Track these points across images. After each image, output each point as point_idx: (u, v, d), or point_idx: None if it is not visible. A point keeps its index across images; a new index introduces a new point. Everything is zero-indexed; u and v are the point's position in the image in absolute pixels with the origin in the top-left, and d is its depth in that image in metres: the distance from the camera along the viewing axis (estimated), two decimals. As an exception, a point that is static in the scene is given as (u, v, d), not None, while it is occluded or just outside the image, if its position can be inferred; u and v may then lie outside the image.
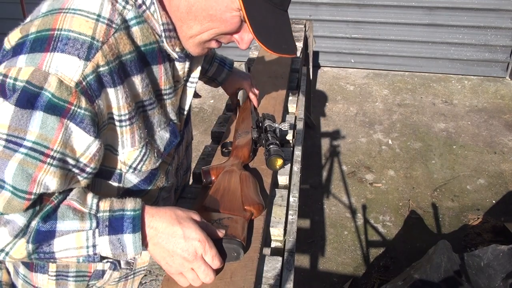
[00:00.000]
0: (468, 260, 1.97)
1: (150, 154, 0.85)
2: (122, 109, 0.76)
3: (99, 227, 0.73)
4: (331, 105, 4.12)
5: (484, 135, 3.63)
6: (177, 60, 0.86)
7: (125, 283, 1.01)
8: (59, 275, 0.95)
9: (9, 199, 0.69)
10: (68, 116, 0.70)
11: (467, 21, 4.38)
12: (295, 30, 2.91)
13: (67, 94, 0.69)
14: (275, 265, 0.88)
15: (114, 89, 0.74)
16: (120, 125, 0.78)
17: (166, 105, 0.88)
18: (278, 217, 1.01)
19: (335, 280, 2.34)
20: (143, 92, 0.80)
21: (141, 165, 0.85)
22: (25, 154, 0.68)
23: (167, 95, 0.87)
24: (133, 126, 0.80)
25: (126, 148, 0.81)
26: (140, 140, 0.82)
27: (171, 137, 0.90)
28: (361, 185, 3.07)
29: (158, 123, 0.86)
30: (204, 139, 3.59)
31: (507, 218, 2.72)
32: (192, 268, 0.77)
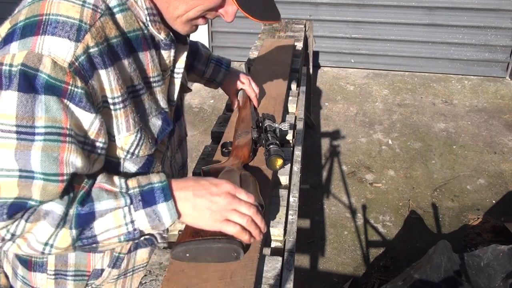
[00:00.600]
0: (468, 260, 1.97)
1: (145, 139, 0.86)
2: (115, 91, 0.77)
3: (133, 203, 0.75)
4: (331, 105, 4.12)
5: (484, 135, 3.63)
6: (163, 48, 0.87)
7: (124, 280, 1.01)
8: (58, 274, 0.95)
9: (44, 186, 0.71)
10: (67, 96, 0.71)
11: (467, 21, 4.38)
12: (295, 30, 2.91)
13: (62, 74, 0.70)
14: (275, 265, 0.87)
15: (105, 71, 0.75)
16: (114, 108, 0.79)
17: (156, 93, 0.89)
18: (278, 217, 1.01)
19: (335, 280, 2.34)
20: (132, 76, 0.81)
21: (138, 150, 0.86)
22: (44, 140, 0.70)
23: (156, 82, 0.88)
24: (127, 110, 0.81)
25: (122, 133, 0.82)
26: (135, 125, 0.83)
27: (163, 125, 0.91)
28: (361, 185, 3.07)
29: (149, 110, 0.87)
30: (204, 139, 3.59)
31: (507, 218, 2.72)
32: (234, 208, 0.80)
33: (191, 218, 0.80)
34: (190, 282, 0.80)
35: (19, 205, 0.71)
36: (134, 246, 0.98)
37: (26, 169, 0.70)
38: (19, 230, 0.72)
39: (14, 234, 0.72)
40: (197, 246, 0.82)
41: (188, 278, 0.81)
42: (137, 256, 1.00)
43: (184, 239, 0.84)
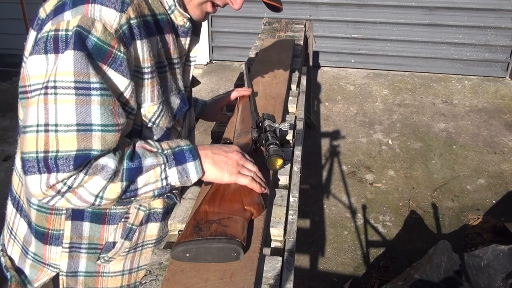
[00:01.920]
0: (468, 260, 1.97)
1: (166, 112, 0.94)
2: (146, 62, 0.86)
3: (168, 161, 0.87)
4: (331, 105, 4.12)
5: (484, 135, 3.63)
6: (180, 35, 0.97)
7: (133, 255, 1.04)
8: (72, 247, 0.98)
9: (103, 136, 0.79)
10: (110, 59, 0.80)
11: (467, 21, 4.38)
12: (295, 30, 2.91)
13: (110, 38, 0.79)
14: (275, 265, 0.87)
15: (141, 42, 0.84)
16: (143, 77, 0.87)
17: (176, 73, 0.98)
18: (278, 217, 1.01)
19: (335, 280, 2.34)
20: (159, 53, 0.90)
21: (159, 120, 0.94)
22: (100, 95, 0.78)
23: (176, 64, 0.97)
24: (153, 81, 0.89)
25: (147, 102, 0.90)
26: (159, 96, 0.91)
27: (181, 104, 1.00)
28: (361, 185, 3.07)
29: (171, 87, 0.96)
30: (204, 139, 3.59)
31: (507, 218, 2.72)
32: (243, 164, 0.97)
33: (212, 172, 0.93)
34: (190, 282, 0.80)
35: (83, 157, 0.78)
36: (146, 219, 1.02)
37: (84, 123, 0.78)
38: (76, 183, 0.79)
39: (70, 186, 0.79)
40: (197, 246, 0.82)
41: (188, 278, 0.81)
42: (148, 230, 1.03)
43: (184, 239, 0.84)
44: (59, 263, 1.00)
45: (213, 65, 4.98)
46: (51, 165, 0.76)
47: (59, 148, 0.77)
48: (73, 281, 1.02)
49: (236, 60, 4.98)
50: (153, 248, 1.06)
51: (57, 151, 0.77)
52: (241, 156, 0.97)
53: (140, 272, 1.07)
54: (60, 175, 0.77)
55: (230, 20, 4.85)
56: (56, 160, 0.76)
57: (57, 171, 0.76)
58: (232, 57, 5.00)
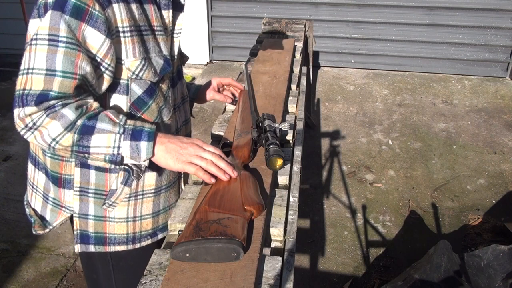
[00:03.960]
0: (468, 260, 1.97)
1: (149, 67, 1.06)
2: (124, 22, 1.00)
3: (125, 133, 0.96)
4: (331, 105, 4.12)
5: (484, 135, 3.63)
6: (162, 7, 1.10)
7: (135, 202, 1.17)
8: (82, 190, 1.13)
9: (61, 81, 0.94)
10: (87, 17, 0.94)
11: (467, 21, 4.38)
12: (295, 30, 2.91)
13: None
14: (275, 265, 0.87)
15: (118, 5, 0.98)
16: (123, 35, 1.01)
17: (158, 39, 1.10)
18: (278, 217, 1.01)
19: (335, 280, 2.34)
20: (138, 17, 1.04)
21: (142, 73, 1.06)
22: (65, 47, 0.93)
23: (158, 31, 1.10)
24: (133, 39, 1.03)
25: (130, 57, 1.03)
26: (140, 53, 1.04)
27: (165, 64, 1.11)
28: (361, 185, 3.07)
29: (153, 49, 1.08)
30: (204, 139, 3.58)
31: (507, 218, 2.72)
32: (198, 154, 1.01)
33: (160, 157, 1.00)
34: (190, 282, 0.80)
35: (43, 95, 0.93)
36: None
37: (51, 68, 0.93)
38: (39, 122, 0.94)
39: (35, 123, 0.94)
40: (197, 246, 0.82)
41: (188, 278, 0.81)
42: (145, 179, 1.16)
43: (184, 239, 0.84)
44: (72, 206, 1.15)
45: (213, 65, 4.98)
46: (23, 100, 0.93)
47: (32, 87, 0.93)
48: (85, 223, 1.16)
49: (236, 60, 4.98)
50: (153, 198, 1.19)
51: (30, 89, 0.94)
52: (197, 147, 1.02)
53: (144, 221, 1.20)
54: (27, 109, 0.93)
55: (230, 20, 4.85)
56: (27, 96, 0.93)
57: (25, 105, 0.93)
58: (232, 57, 5.00)
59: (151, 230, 1.22)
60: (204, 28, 4.87)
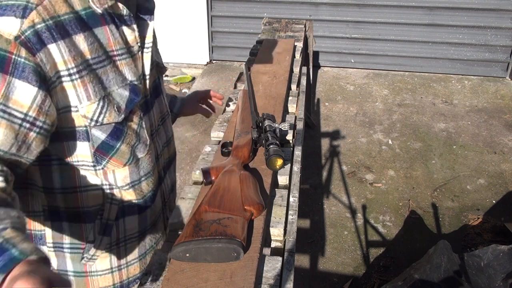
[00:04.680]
0: (468, 260, 1.97)
1: (110, 108, 0.90)
2: (69, 63, 0.83)
3: None
4: (331, 105, 4.12)
5: (484, 135, 3.63)
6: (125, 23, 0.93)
7: (117, 250, 1.04)
8: (56, 246, 1.00)
9: None
10: (10, 68, 0.77)
11: (467, 21, 4.38)
12: (295, 30, 2.91)
13: (6, 44, 0.77)
14: (275, 265, 0.87)
15: (56, 44, 0.81)
16: (71, 79, 0.84)
17: (120, 65, 0.93)
18: (278, 217, 1.01)
19: (335, 280, 2.34)
20: (89, 49, 0.87)
21: (102, 117, 0.90)
22: None
23: (120, 55, 0.93)
24: (84, 80, 0.86)
25: (84, 102, 0.87)
26: (95, 94, 0.88)
27: (131, 95, 0.94)
28: (361, 185, 3.07)
29: (113, 81, 0.91)
30: (204, 139, 3.59)
31: (507, 218, 2.72)
32: None
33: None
34: (190, 282, 0.80)
35: None
36: (121, 213, 1.01)
37: None
38: None
39: None
40: (197, 246, 0.82)
41: (188, 278, 0.81)
42: (126, 224, 1.03)
43: (184, 239, 0.84)
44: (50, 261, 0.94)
45: (213, 65, 4.98)
46: None
47: None
48: None
49: (236, 60, 4.98)
50: (138, 241, 1.06)
51: None
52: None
53: (130, 267, 1.07)
54: None
55: (230, 20, 4.85)
56: None
57: None
58: (232, 57, 5.00)
59: (139, 273, 1.11)
60: (204, 28, 4.88)
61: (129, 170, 0.99)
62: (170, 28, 4.75)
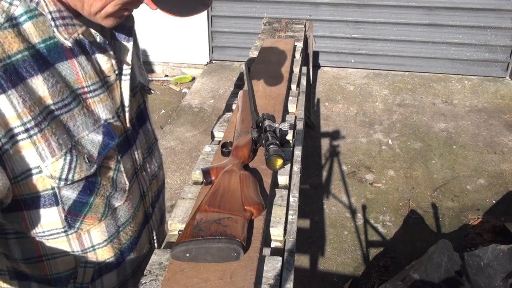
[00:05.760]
0: (468, 260, 1.97)
1: (79, 161, 0.76)
2: (24, 116, 0.67)
3: None
4: (331, 105, 4.12)
5: (484, 135, 3.63)
6: (98, 51, 0.78)
7: None
8: None
9: None
10: None
11: (467, 21, 4.38)
12: (295, 30, 2.91)
13: None
14: (275, 265, 0.87)
15: (5, 95, 0.65)
16: (28, 135, 0.68)
17: (92, 104, 0.79)
18: (278, 217, 1.01)
19: (335, 280, 2.34)
20: (51, 93, 0.71)
21: (72, 174, 0.75)
22: None
23: (92, 92, 0.78)
24: (45, 133, 0.70)
25: (47, 160, 0.72)
26: (60, 147, 0.73)
27: (106, 139, 0.80)
28: (361, 185, 3.07)
29: (83, 126, 0.77)
30: (204, 139, 3.59)
31: (507, 218, 2.72)
32: None
33: None
34: (190, 282, 0.80)
35: None
36: (97, 275, 0.92)
37: None
38: None
39: None
40: (197, 246, 0.82)
41: (188, 278, 0.81)
42: (104, 282, 0.94)
43: (184, 239, 0.84)
44: None
45: (213, 65, 4.98)
46: None
47: None
48: None
49: (236, 60, 4.98)
50: None
51: None
52: None
53: None
54: None
55: (230, 20, 4.85)
56: None
57: None
58: (232, 57, 5.00)
59: None
60: (204, 28, 4.88)
61: (105, 224, 0.87)
62: (170, 28, 4.76)
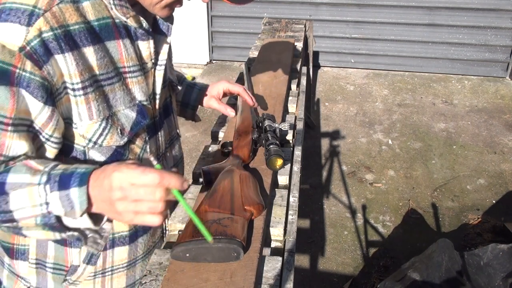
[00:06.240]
0: (468, 259, 1.97)
1: (112, 130, 0.83)
2: (74, 77, 0.76)
3: (50, 182, 0.70)
4: (331, 105, 4.12)
5: (484, 135, 3.63)
6: (140, 38, 0.86)
7: (102, 279, 0.98)
8: (38, 263, 0.95)
9: None
10: (15, 80, 0.71)
11: (467, 21, 4.39)
12: (295, 30, 2.91)
13: (10, 57, 0.70)
14: (275, 265, 0.88)
15: (62, 56, 0.74)
16: (74, 94, 0.78)
17: (130, 83, 0.86)
18: (278, 217, 1.01)
19: (335, 280, 2.35)
20: (98, 64, 0.80)
21: (102, 140, 0.83)
22: None
23: (131, 73, 0.86)
24: (88, 97, 0.79)
25: (84, 120, 0.80)
26: (99, 114, 0.81)
27: (139, 117, 0.87)
28: (361, 185, 3.07)
29: (121, 101, 0.84)
30: (204, 139, 3.59)
31: (507, 218, 2.72)
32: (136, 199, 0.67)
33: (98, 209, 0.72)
34: (190, 282, 0.80)
35: None
36: (110, 244, 0.95)
37: None
38: None
39: None
40: (197, 246, 0.82)
41: (188, 278, 0.81)
42: (115, 255, 0.96)
43: (184, 239, 0.84)
44: (28, 278, 0.96)
45: (213, 65, 4.98)
46: None
47: None
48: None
49: (236, 60, 4.98)
50: (126, 271, 1.00)
51: None
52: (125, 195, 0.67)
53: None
54: None
55: (230, 20, 4.85)
56: None
57: None
58: (232, 57, 5.00)
59: None
60: (204, 28, 4.88)
61: None
62: (170, 28, 4.75)
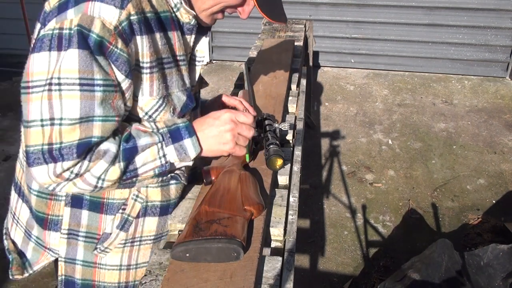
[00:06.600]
0: (468, 259, 1.97)
1: (166, 108, 0.95)
2: (145, 57, 0.88)
3: (164, 139, 0.90)
4: (331, 105, 4.12)
5: (484, 135, 3.63)
6: (186, 32, 0.98)
7: (131, 249, 1.03)
8: (70, 233, 1.00)
9: (103, 125, 0.84)
10: (107, 53, 0.83)
11: (467, 21, 4.38)
12: (295, 30, 2.91)
13: (108, 35, 0.81)
14: (275, 265, 0.87)
15: (141, 37, 0.86)
16: (142, 71, 0.90)
17: (182, 70, 0.99)
18: (278, 217, 1.01)
19: (335, 280, 2.34)
20: (162, 49, 0.92)
21: (156, 115, 0.95)
22: (103, 91, 0.83)
23: (182, 61, 0.98)
24: (153, 76, 0.91)
25: (145, 96, 0.92)
26: (158, 92, 0.93)
27: (188, 100, 1.00)
28: (361, 185, 3.07)
29: (176, 84, 0.97)
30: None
31: (507, 218, 2.72)
32: (239, 132, 0.99)
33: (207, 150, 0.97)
34: (190, 282, 0.80)
35: (84, 144, 0.82)
36: (143, 212, 1.01)
37: (87, 116, 0.82)
38: (82, 170, 0.83)
39: (77, 174, 0.84)
40: (197, 246, 0.82)
41: (188, 278, 0.81)
42: (145, 224, 1.02)
43: (184, 239, 0.84)
44: (58, 249, 1.02)
45: (213, 65, 4.98)
46: (56, 155, 0.81)
47: (63, 140, 0.81)
48: (71, 269, 1.03)
49: (236, 60, 4.98)
50: (152, 245, 1.05)
51: (61, 143, 0.81)
52: (234, 125, 0.98)
53: (139, 270, 1.05)
54: (65, 163, 0.82)
55: (230, 20, 4.84)
56: (61, 150, 0.81)
57: (62, 160, 0.81)
58: (232, 57, 5.00)
59: None
60: (204, 28, 4.88)
61: None
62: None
